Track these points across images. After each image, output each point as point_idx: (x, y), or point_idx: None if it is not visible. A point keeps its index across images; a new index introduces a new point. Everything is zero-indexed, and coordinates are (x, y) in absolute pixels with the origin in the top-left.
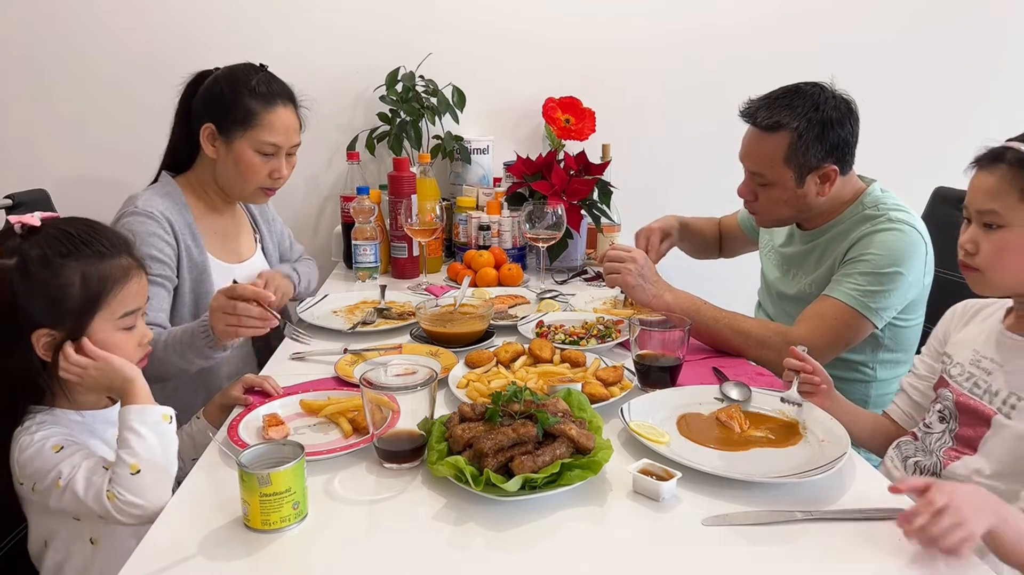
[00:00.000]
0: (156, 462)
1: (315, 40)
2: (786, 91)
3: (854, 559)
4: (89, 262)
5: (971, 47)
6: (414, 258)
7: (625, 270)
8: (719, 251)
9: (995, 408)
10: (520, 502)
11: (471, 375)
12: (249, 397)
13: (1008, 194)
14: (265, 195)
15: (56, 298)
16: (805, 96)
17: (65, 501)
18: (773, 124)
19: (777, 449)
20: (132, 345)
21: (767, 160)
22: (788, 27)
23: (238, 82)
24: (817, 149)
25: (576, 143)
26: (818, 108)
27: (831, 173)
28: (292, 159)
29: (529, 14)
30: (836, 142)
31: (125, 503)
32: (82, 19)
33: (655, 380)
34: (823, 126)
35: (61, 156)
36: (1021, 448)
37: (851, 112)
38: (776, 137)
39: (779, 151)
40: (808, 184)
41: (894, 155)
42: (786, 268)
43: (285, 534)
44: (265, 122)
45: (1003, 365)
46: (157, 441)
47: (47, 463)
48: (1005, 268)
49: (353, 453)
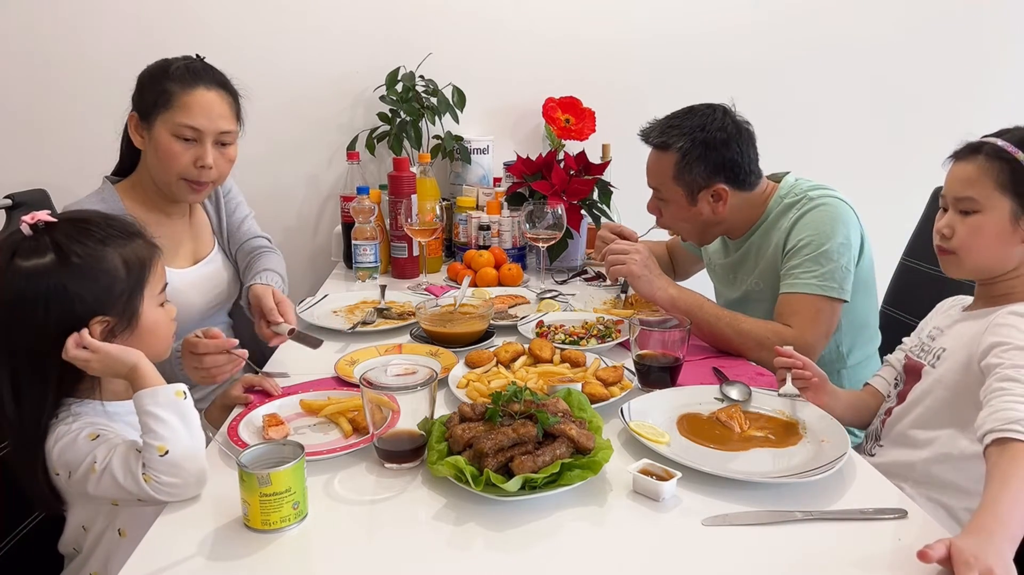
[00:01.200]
0: (180, 439)
1: (315, 40)
2: (681, 112)
3: (854, 559)
4: (123, 244)
5: (971, 47)
6: (414, 258)
7: (631, 260)
8: (674, 273)
9: (926, 362)
10: (520, 502)
11: (471, 375)
12: (250, 396)
13: (984, 183)
14: (191, 189)
15: (106, 284)
16: (694, 117)
17: (104, 486)
18: (661, 143)
19: (777, 449)
20: (169, 320)
21: (659, 177)
22: (788, 27)
23: (162, 67)
24: (700, 168)
25: (576, 143)
26: (704, 129)
27: (721, 192)
28: (228, 151)
29: (529, 14)
30: (721, 162)
31: (163, 483)
32: (82, 19)
33: (655, 380)
34: (705, 146)
35: (61, 156)
36: (938, 390)
37: (739, 134)
38: (666, 156)
39: (668, 169)
40: (701, 202)
41: (894, 155)
42: (730, 278)
43: (285, 534)
44: (181, 103)
45: (945, 331)
46: (177, 419)
47: (82, 451)
48: (977, 249)
49: (353, 453)
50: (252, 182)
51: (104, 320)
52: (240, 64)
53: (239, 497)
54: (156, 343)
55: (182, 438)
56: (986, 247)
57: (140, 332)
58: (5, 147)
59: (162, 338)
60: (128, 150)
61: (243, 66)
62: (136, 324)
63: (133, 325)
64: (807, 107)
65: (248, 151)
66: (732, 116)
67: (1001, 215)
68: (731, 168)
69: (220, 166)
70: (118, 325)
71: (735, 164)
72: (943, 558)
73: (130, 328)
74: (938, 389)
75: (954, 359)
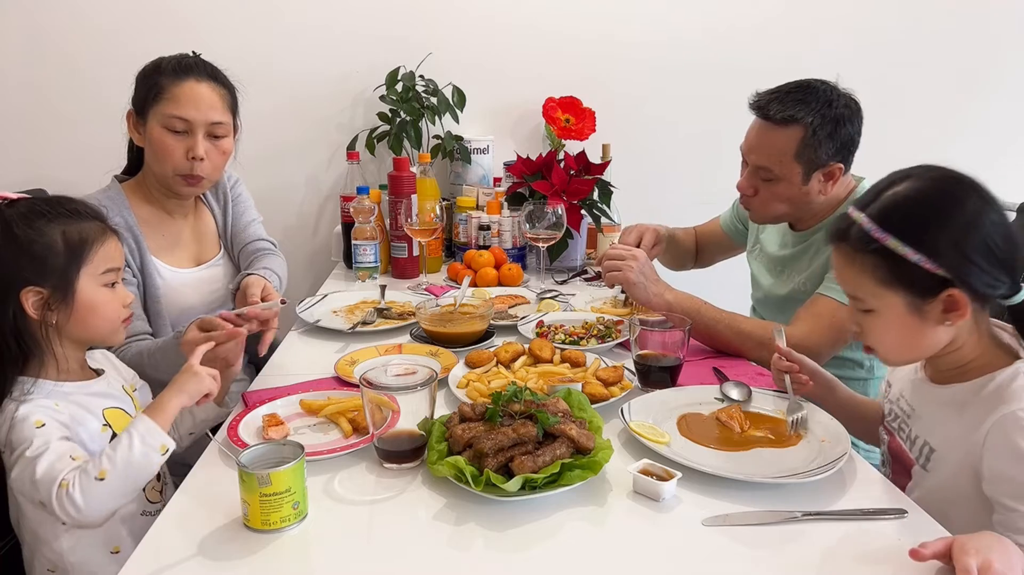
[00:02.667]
0: (122, 483)
1: (315, 40)
2: (798, 85)
3: (854, 559)
4: (68, 222)
5: (971, 47)
6: (414, 258)
7: (627, 267)
8: (695, 261)
9: (914, 457)
10: (520, 502)
11: (471, 375)
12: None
13: (864, 283)
14: (187, 183)
15: (42, 256)
16: (817, 92)
17: (25, 475)
18: (787, 118)
19: (777, 449)
20: (116, 303)
21: (777, 154)
22: (788, 28)
23: (156, 64)
24: (828, 146)
25: (576, 143)
26: (831, 104)
27: (836, 171)
28: (222, 143)
29: (529, 14)
30: (845, 140)
31: (69, 498)
32: (82, 19)
33: (655, 380)
34: (836, 123)
35: (61, 156)
36: (934, 501)
37: (858, 111)
38: (788, 131)
39: (790, 146)
40: (812, 182)
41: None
42: (779, 271)
43: (285, 534)
44: (170, 94)
45: (916, 409)
46: (140, 466)
47: (25, 434)
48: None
49: (353, 453)
50: (252, 182)
51: (38, 291)
52: (240, 64)
53: (239, 497)
54: (98, 323)
55: (125, 482)
56: (902, 343)
57: (78, 309)
58: (5, 147)
59: (106, 319)
60: (134, 149)
61: (243, 66)
62: (73, 300)
63: (69, 301)
64: None
65: (248, 151)
66: (845, 91)
67: (898, 311)
68: (850, 146)
69: (213, 158)
70: (52, 298)
71: (853, 143)
72: (939, 553)
73: (67, 303)
74: (939, 500)
75: (950, 469)
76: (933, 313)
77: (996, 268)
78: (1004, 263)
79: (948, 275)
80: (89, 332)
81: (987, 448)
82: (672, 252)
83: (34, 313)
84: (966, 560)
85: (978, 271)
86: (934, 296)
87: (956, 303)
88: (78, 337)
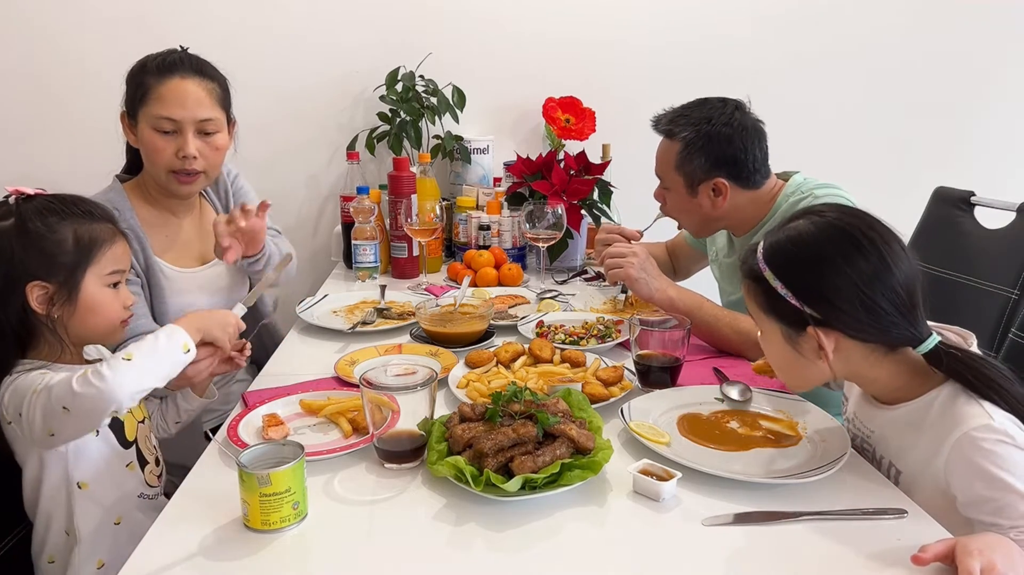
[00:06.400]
0: (147, 363)
1: (316, 40)
2: (694, 103)
3: (854, 559)
4: (81, 222)
5: (972, 47)
6: (414, 258)
7: (628, 263)
8: (674, 274)
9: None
10: (520, 502)
11: (471, 375)
12: None
13: (752, 305)
14: (179, 182)
15: (51, 253)
16: (703, 109)
17: (38, 401)
18: (667, 131)
19: (777, 449)
20: (118, 304)
21: (663, 165)
22: (788, 28)
23: (141, 63)
24: (701, 161)
25: (576, 143)
26: (710, 121)
27: (721, 186)
28: (214, 139)
29: (529, 14)
30: (722, 156)
31: (94, 373)
32: (83, 19)
33: (655, 380)
34: (708, 139)
35: (61, 156)
36: None
37: (746, 130)
38: (670, 144)
39: (671, 157)
40: (701, 195)
41: (894, 155)
42: (731, 277)
43: (285, 534)
44: (156, 94)
45: (874, 431)
46: (164, 355)
47: (29, 380)
48: (781, 369)
49: (353, 453)
50: (252, 182)
51: (43, 286)
52: (240, 64)
53: (239, 497)
54: (98, 322)
55: (147, 367)
56: (786, 369)
57: (80, 307)
58: (5, 147)
59: (106, 319)
60: (132, 149)
61: (243, 66)
62: (76, 298)
63: (73, 298)
64: (806, 108)
65: (248, 151)
66: (743, 112)
67: (777, 338)
68: (732, 164)
69: (207, 155)
70: (57, 294)
71: (736, 160)
72: (941, 555)
73: (70, 301)
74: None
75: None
76: (807, 347)
77: (871, 315)
78: (888, 313)
79: (814, 314)
80: (88, 330)
81: (951, 473)
82: None
83: (38, 307)
84: (969, 562)
85: (845, 316)
86: (803, 330)
87: (819, 340)
88: (77, 334)
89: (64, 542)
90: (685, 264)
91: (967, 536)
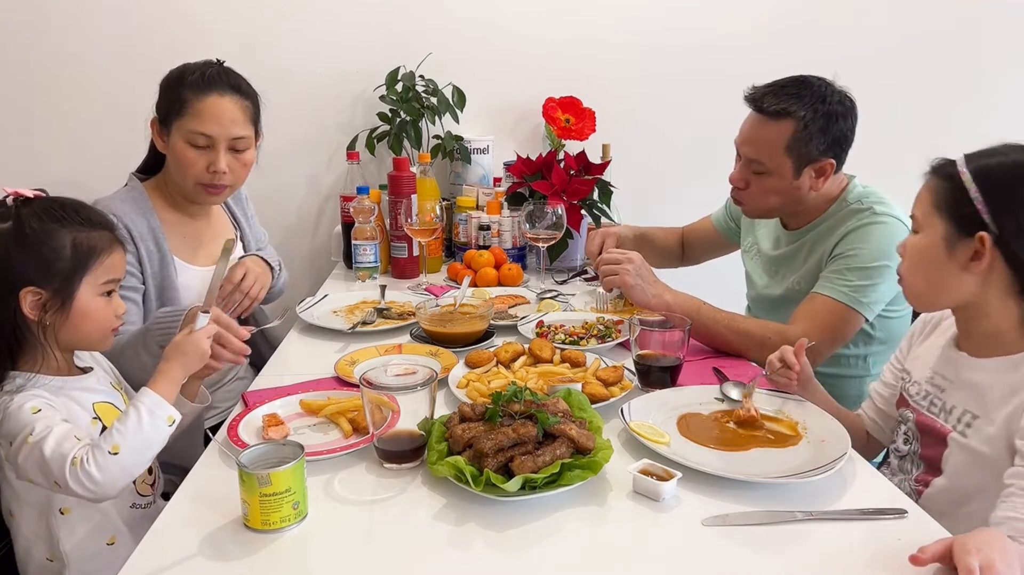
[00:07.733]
0: (134, 456)
1: (315, 40)
2: (793, 80)
3: (854, 559)
4: (80, 230)
5: (971, 48)
6: (414, 258)
7: (623, 270)
8: (680, 259)
9: (951, 426)
10: (520, 502)
11: (471, 375)
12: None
13: (924, 201)
14: (207, 193)
15: (48, 259)
16: (812, 87)
17: (31, 460)
18: (779, 111)
19: (777, 449)
20: (110, 312)
21: (768, 147)
22: (788, 27)
23: (180, 73)
24: (819, 141)
25: (576, 143)
26: (824, 100)
27: (827, 167)
28: (244, 156)
29: (529, 14)
30: (837, 136)
31: (85, 474)
32: (82, 20)
33: (655, 380)
34: (828, 118)
35: (61, 156)
36: (975, 465)
37: (853, 108)
38: (780, 125)
39: (781, 139)
40: (804, 177)
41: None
42: (773, 270)
43: (285, 534)
44: (194, 110)
45: (953, 382)
46: (151, 438)
47: (22, 421)
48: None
49: (353, 453)
50: (252, 182)
51: (37, 292)
52: (240, 65)
53: (239, 497)
54: (89, 330)
55: (136, 455)
56: (928, 277)
57: (73, 315)
58: (5, 147)
59: (97, 327)
60: (155, 150)
61: (243, 67)
62: (70, 306)
63: (67, 306)
64: None
65: None
66: (840, 89)
67: (935, 238)
68: (842, 143)
69: (236, 171)
70: (51, 301)
71: (846, 140)
72: (939, 555)
73: (64, 308)
74: (980, 468)
75: (993, 429)
76: (962, 254)
77: None
78: None
79: (991, 225)
80: (79, 337)
81: None
82: (644, 251)
83: (30, 313)
84: (968, 560)
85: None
86: (969, 236)
87: (982, 249)
88: (68, 340)
89: (49, 567)
90: (701, 250)
91: (964, 535)
